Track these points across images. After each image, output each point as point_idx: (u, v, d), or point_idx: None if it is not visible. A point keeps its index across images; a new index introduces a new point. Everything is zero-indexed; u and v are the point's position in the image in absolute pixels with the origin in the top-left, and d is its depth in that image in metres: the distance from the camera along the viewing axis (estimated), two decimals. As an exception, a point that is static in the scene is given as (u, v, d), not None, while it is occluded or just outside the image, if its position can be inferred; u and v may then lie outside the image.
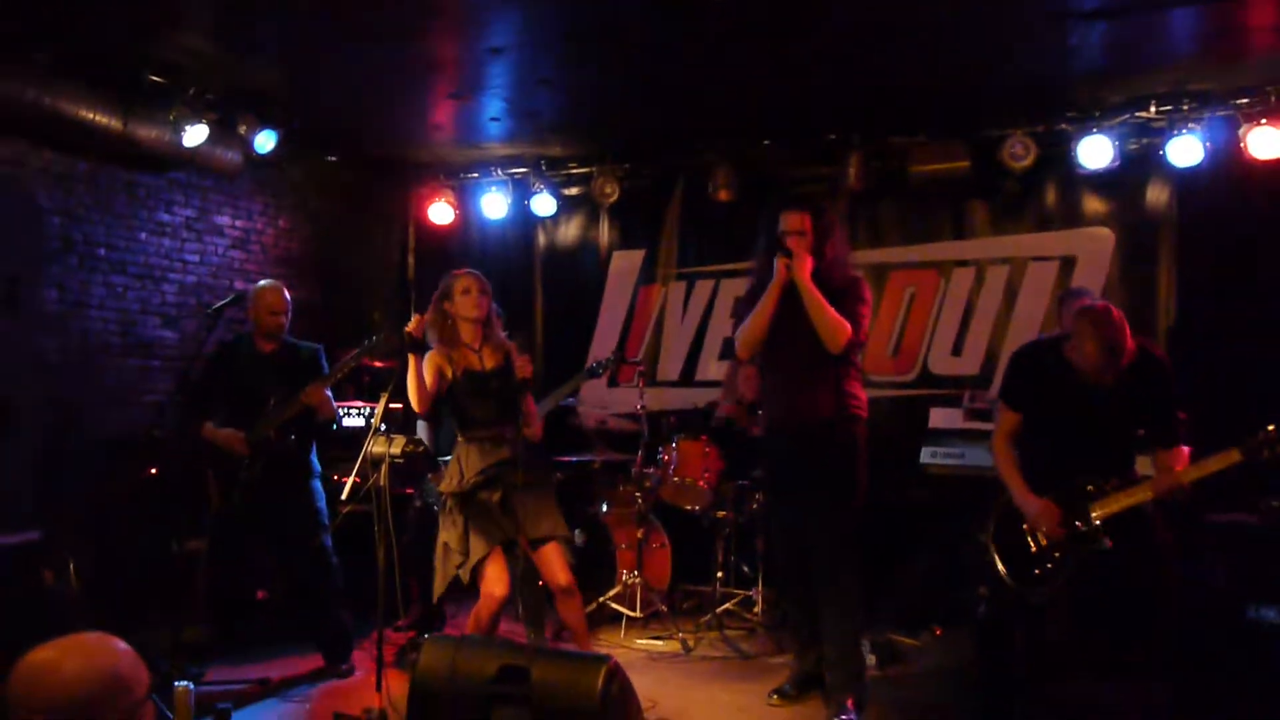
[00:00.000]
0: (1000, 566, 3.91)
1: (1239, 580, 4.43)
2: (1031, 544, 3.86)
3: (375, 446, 4.15)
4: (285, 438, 4.90)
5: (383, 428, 4.12)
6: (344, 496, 3.80)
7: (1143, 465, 3.87)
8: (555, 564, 4.13)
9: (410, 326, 4.09)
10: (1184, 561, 4.18)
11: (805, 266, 4.11)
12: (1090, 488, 3.73)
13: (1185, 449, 3.71)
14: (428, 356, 4.17)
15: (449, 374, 4.17)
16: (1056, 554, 3.79)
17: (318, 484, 5.08)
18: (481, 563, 4.01)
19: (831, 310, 4.05)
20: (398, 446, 4.48)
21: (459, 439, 4.23)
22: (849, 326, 4.07)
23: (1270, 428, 3.43)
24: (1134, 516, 3.66)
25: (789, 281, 4.13)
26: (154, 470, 5.66)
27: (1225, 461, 3.50)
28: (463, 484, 4.09)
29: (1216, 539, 4.52)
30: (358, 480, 3.99)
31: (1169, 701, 3.71)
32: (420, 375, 4.07)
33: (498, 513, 4.09)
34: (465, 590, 4.15)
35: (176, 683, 2.74)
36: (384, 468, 3.98)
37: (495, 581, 4.00)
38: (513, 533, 4.08)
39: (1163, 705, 3.68)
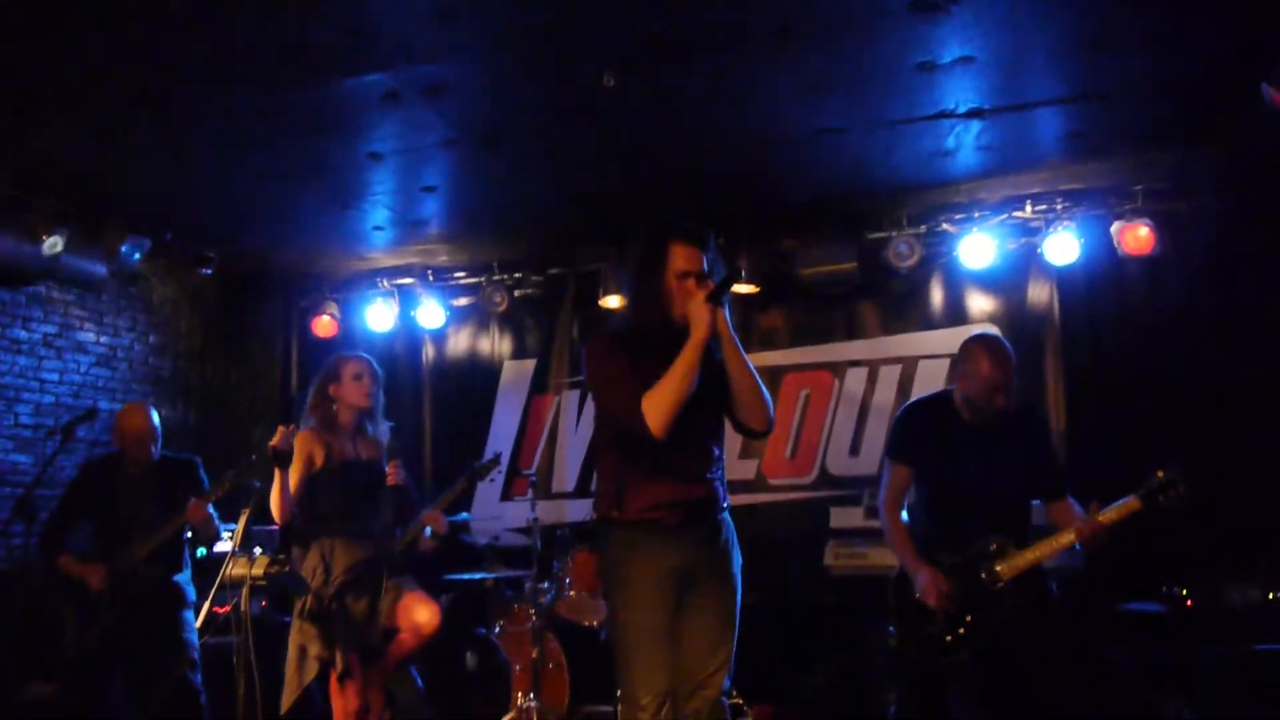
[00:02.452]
0: (908, 643, 3.76)
1: (1148, 670, 4.35)
2: (939, 613, 3.71)
3: (235, 568, 3.81)
4: (154, 567, 4.50)
5: (238, 549, 3.78)
6: (198, 624, 3.45)
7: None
8: (416, 604, 3.89)
9: (274, 441, 3.81)
10: (1092, 649, 4.10)
11: (722, 317, 3.03)
12: (993, 546, 3.64)
13: (1071, 501, 3.72)
14: (299, 438, 3.91)
15: (318, 460, 3.89)
16: (968, 618, 3.66)
17: (189, 615, 4.64)
18: (345, 674, 3.69)
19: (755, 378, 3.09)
20: (260, 567, 4.15)
21: (318, 531, 3.91)
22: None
23: (1160, 473, 3.48)
24: (1034, 576, 3.64)
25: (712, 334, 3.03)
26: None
27: (1126, 510, 3.52)
28: (329, 583, 3.77)
29: (1126, 628, 4.45)
30: (216, 610, 3.64)
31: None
32: (285, 487, 3.79)
33: (364, 619, 3.78)
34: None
35: None
36: (245, 590, 3.64)
37: (355, 694, 3.67)
38: (376, 639, 3.78)
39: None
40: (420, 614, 3.84)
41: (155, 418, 4.83)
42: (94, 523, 4.71)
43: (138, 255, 6.08)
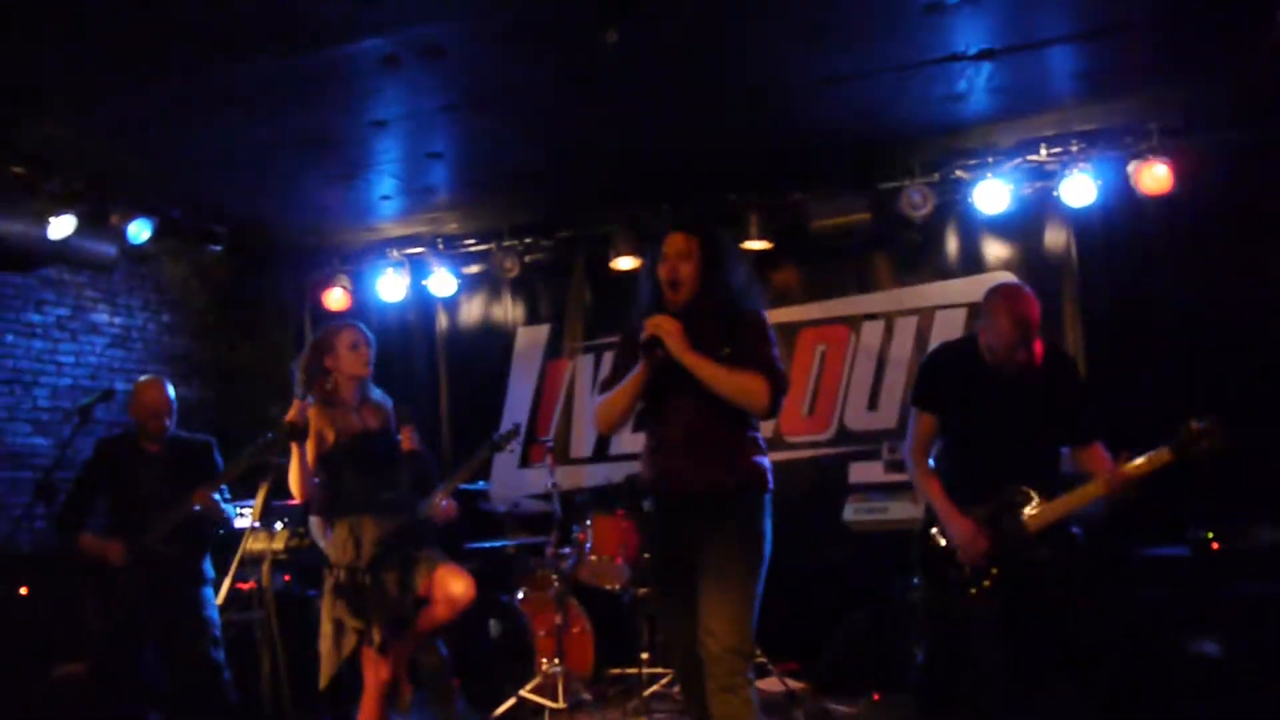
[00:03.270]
0: (934, 594, 3.73)
1: (1171, 614, 4.32)
2: (965, 567, 3.68)
3: (255, 543, 3.80)
4: (173, 546, 4.50)
5: (258, 524, 3.77)
6: (219, 601, 3.44)
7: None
8: (450, 576, 3.86)
9: (290, 415, 3.78)
10: (1116, 592, 4.06)
11: (679, 337, 3.20)
12: (1020, 497, 3.60)
13: (1101, 447, 3.63)
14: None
15: (329, 438, 3.86)
16: (994, 569, 3.62)
17: (209, 592, 4.64)
18: (383, 648, 3.70)
19: (734, 375, 3.22)
20: (280, 541, 4.13)
21: (343, 507, 3.91)
22: (762, 381, 3.22)
23: (1194, 424, 3.39)
24: (1062, 527, 3.58)
25: (661, 366, 3.24)
26: (24, 590, 5.21)
27: (1157, 461, 3.44)
28: (360, 556, 3.77)
29: (1147, 572, 4.42)
30: (240, 586, 3.63)
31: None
32: (304, 462, 3.77)
33: (397, 591, 3.80)
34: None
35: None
36: (266, 565, 3.64)
37: (387, 665, 3.68)
38: (409, 611, 3.78)
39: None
40: (455, 586, 3.81)
41: (171, 391, 4.81)
42: (110, 500, 4.69)
43: (146, 234, 6.04)
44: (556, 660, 5.57)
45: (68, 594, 5.10)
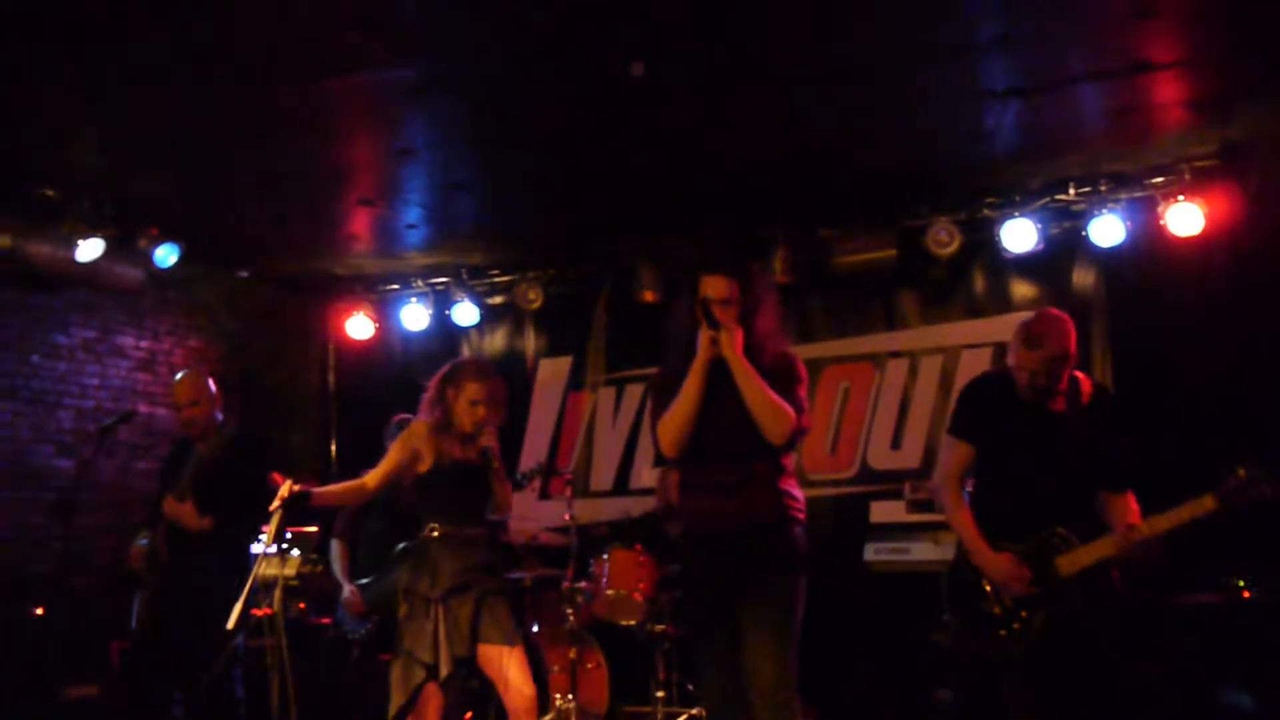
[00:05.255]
0: (965, 634, 3.63)
1: (1205, 664, 4.20)
2: (996, 604, 3.58)
3: (267, 568, 3.77)
4: (176, 549, 4.38)
5: (273, 548, 3.73)
6: (229, 625, 3.39)
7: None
8: (519, 673, 3.77)
9: (274, 504, 3.58)
10: (1149, 642, 3.96)
11: (736, 340, 3.37)
12: (1055, 539, 3.50)
13: (1132, 497, 3.52)
14: (409, 430, 3.90)
15: (428, 461, 3.85)
16: (1024, 612, 3.52)
17: (214, 605, 4.48)
18: (449, 681, 3.69)
19: (770, 392, 3.33)
20: (292, 568, 4.10)
21: (427, 533, 3.89)
22: (791, 411, 3.34)
23: (1241, 471, 3.26)
24: (1099, 570, 3.46)
25: (716, 359, 3.38)
26: (39, 610, 5.21)
27: (1199, 509, 3.30)
28: (435, 586, 3.75)
29: (1182, 620, 4.30)
30: (254, 612, 3.58)
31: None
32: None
33: (467, 625, 3.75)
34: None
35: None
36: (278, 591, 3.60)
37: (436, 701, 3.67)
38: (467, 649, 3.75)
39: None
40: (525, 688, 3.75)
41: (200, 382, 4.68)
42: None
43: (173, 259, 6.09)
44: (570, 696, 5.49)
45: (83, 616, 5.10)
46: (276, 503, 3.56)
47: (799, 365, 3.53)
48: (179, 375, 4.83)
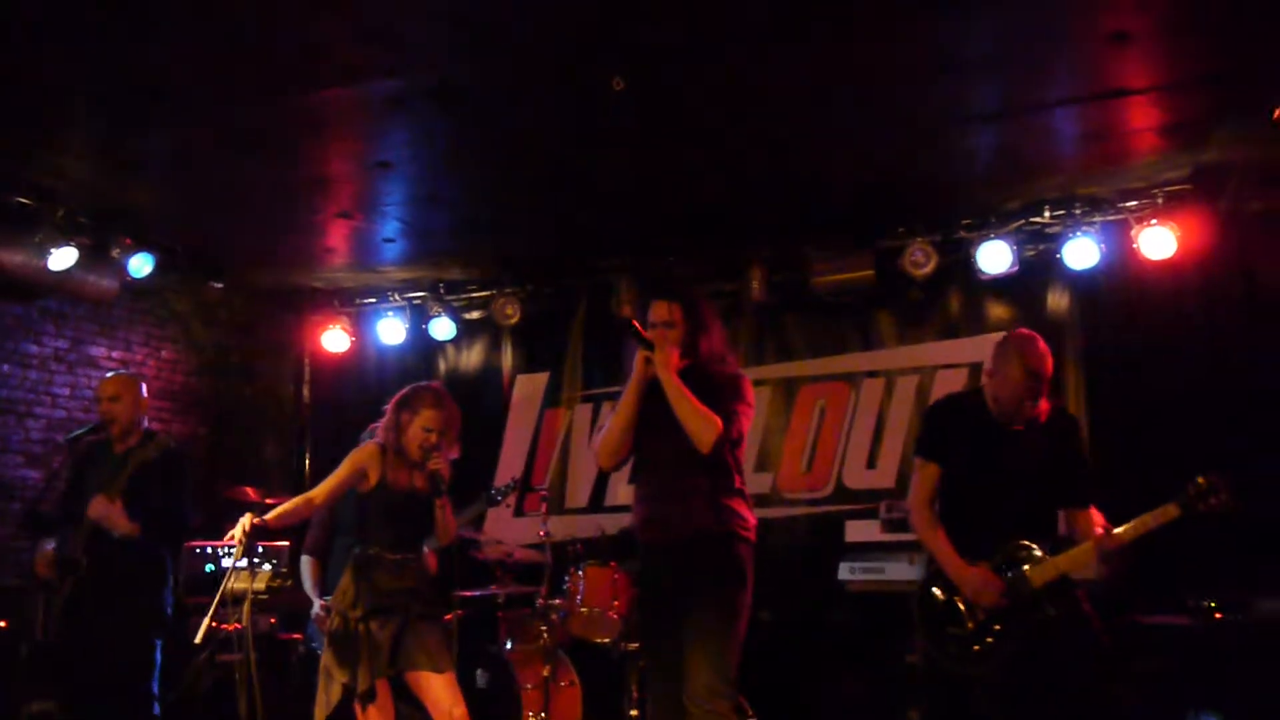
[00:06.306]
0: (935, 653, 3.64)
1: (1175, 685, 4.22)
2: (968, 620, 3.59)
3: (237, 582, 3.73)
4: (95, 553, 4.26)
5: (243, 562, 3.69)
6: (197, 640, 3.35)
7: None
8: (446, 696, 3.73)
9: (239, 537, 3.55)
10: (1118, 663, 3.97)
11: (670, 359, 3.55)
12: (1022, 551, 3.53)
13: (1095, 511, 3.60)
14: (360, 448, 3.89)
15: (372, 479, 3.83)
16: (997, 626, 3.53)
17: (151, 611, 4.42)
18: (366, 698, 3.60)
19: (698, 403, 3.49)
20: (261, 582, 4.06)
21: (359, 553, 3.86)
22: (718, 420, 3.48)
23: (1201, 479, 3.37)
24: (1066, 588, 3.53)
25: (652, 378, 3.57)
26: (3, 623, 5.12)
27: (1163, 517, 3.41)
28: (356, 606, 3.73)
29: (1148, 641, 4.33)
30: (214, 624, 3.53)
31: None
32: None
33: (387, 646, 3.73)
34: None
35: None
36: (246, 605, 3.56)
37: (376, 716, 3.60)
38: (402, 667, 3.73)
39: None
40: (455, 710, 3.70)
41: (126, 382, 4.64)
42: (79, 505, 4.43)
43: (148, 269, 6.04)
44: (543, 714, 5.45)
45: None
46: (239, 537, 3.53)
47: (744, 385, 3.71)
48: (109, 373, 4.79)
